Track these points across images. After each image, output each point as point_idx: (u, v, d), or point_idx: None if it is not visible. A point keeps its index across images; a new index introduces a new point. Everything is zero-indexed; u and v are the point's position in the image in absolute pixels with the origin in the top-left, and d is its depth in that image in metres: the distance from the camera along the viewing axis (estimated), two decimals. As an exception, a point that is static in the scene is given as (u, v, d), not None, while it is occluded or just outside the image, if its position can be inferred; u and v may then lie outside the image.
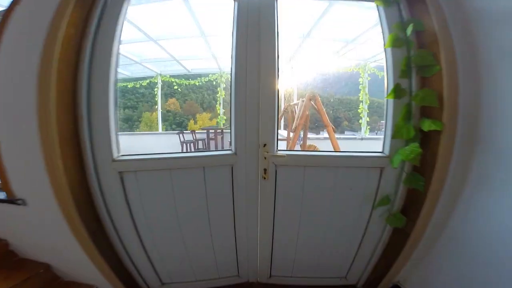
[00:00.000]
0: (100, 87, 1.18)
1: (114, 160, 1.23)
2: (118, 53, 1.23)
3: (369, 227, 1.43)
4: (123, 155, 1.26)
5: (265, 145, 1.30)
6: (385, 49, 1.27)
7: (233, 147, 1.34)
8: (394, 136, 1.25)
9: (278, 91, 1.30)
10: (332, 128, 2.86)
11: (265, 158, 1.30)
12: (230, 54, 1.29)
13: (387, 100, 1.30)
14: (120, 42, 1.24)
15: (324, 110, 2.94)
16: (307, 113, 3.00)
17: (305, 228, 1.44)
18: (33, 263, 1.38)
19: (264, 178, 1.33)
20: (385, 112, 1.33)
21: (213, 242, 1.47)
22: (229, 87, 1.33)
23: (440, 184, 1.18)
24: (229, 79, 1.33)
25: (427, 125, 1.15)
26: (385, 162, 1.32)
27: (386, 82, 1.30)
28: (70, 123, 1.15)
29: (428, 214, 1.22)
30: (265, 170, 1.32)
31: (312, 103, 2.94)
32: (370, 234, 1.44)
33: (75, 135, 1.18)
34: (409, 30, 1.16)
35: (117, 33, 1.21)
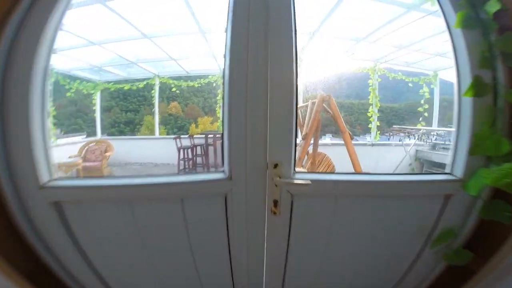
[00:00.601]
0: (21, 81, 0.77)
1: (42, 187, 0.80)
2: (55, 34, 0.83)
3: (416, 263, 1.08)
4: (57, 180, 0.83)
5: (276, 165, 0.86)
6: (450, 32, 0.93)
7: (226, 169, 0.89)
8: (473, 152, 0.85)
9: (297, 87, 0.88)
10: (349, 134, 2.42)
11: (276, 185, 0.86)
12: (225, 28, 0.86)
13: (459, 99, 0.88)
14: (61, 20, 0.85)
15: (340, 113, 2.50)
16: (318, 116, 2.56)
17: (329, 268, 1.07)
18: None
19: (274, 213, 0.89)
20: (455, 116, 0.91)
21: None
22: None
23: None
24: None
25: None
26: (454, 187, 0.92)
27: (457, 74, 0.91)
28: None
29: (509, 251, 0.89)
30: (275, 202, 0.88)
31: (325, 105, 2.51)
32: (416, 270, 1.10)
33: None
34: (492, 7, 0.82)
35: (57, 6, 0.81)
